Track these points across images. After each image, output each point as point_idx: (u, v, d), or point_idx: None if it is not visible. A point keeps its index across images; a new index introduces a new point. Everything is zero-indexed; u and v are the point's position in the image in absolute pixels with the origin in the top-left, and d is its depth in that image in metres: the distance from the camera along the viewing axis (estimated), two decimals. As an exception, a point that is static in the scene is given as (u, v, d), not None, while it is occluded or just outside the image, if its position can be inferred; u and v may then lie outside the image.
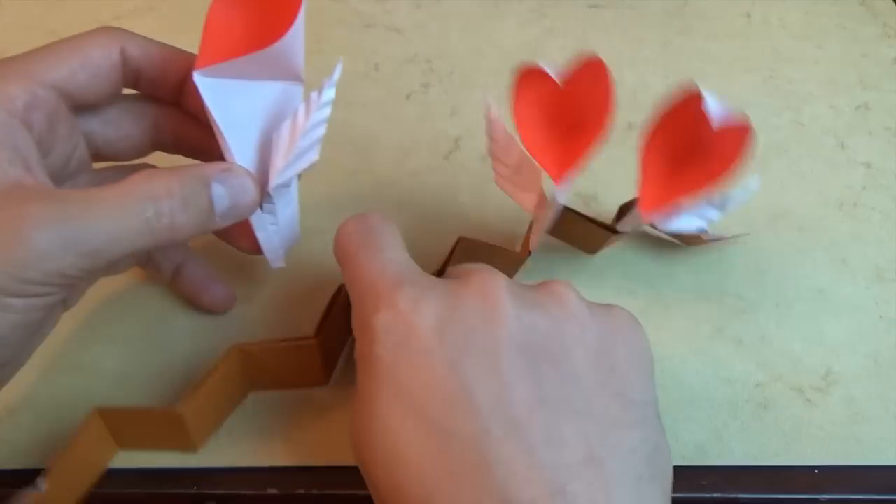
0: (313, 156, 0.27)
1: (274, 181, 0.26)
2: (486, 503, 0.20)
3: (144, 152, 0.30)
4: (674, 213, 0.29)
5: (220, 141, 0.25)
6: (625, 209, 0.33)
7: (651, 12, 0.48)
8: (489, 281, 0.24)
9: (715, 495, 0.29)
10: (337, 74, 0.25)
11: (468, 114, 0.33)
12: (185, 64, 0.27)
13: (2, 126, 0.23)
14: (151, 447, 0.29)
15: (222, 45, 0.24)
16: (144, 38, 0.27)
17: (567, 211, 0.33)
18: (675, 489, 0.29)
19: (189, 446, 0.29)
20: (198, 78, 0.24)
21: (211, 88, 0.24)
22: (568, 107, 0.29)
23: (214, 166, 0.25)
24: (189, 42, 0.46)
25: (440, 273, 0.29)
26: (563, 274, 0.35)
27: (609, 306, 0.26)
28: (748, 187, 0.31)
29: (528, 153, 0.30)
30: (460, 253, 0.32)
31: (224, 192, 0.25)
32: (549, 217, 0.30)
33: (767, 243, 0.36)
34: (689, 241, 0.36)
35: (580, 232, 0.34)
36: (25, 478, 0.29)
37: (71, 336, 0.32)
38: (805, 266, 0.35)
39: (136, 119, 0.29)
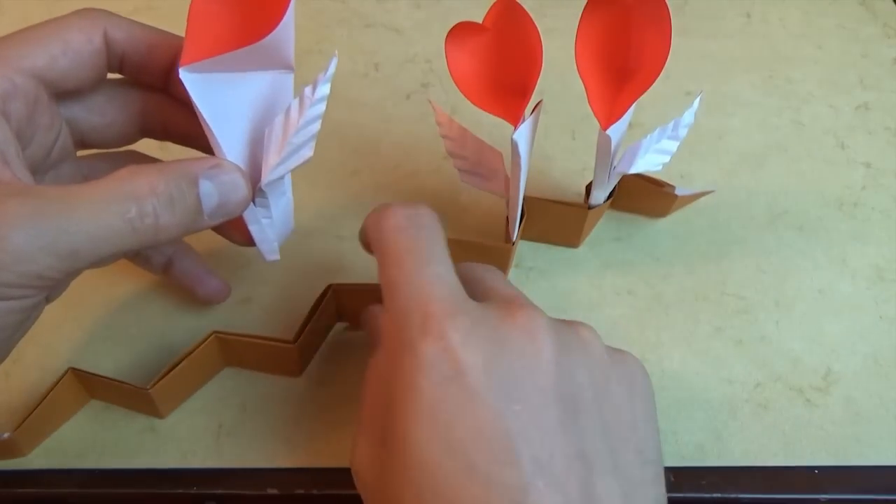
0: (307, 153, 0.26)
1: (267, 177, 0.25)
2: None
3: (132, 139, 0.29)
4: (626, 114, 0.29)
5: (209, 136, 0.24)
6: (590, 186, 0.33)
7: (651, 12, 0.48)
8: (535, 321, 0.23)
9: (715, 495, 0.29)
10: (331, 69, 0.24)
11: (467, 115, 0.33)
12: (172, 49, 0.26)
13: None
14: (121, 406, 0.30)
15: (207, 37, 0.23)
16: (129, 20, 0.26)
17: (536, 200, 0.33)
18: (675, 489, 0.29)
19: (156, 414, 0.30)
20: (184, 74, 0.23)
21: (198, 84, 0.23)
22: (499, 49, 0.28)
23: (203, 162, 0.24)
24: (189, 42, 0.46)
25: None
26: (564, 277, 0.35)
27: (622, 354, 0.25)
28: (692, 107, 0.31)
29: (484, 141, 0.31)
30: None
31: (213, 189, 0.24)
32: (519, 176, 0.30)
33: (767, 243, 0.36)
34: (662, 207, 0.36)
35: (553, 220, 0.34)
36: (24, 478, 0.29)
37: (71, 336, 0.32)
38: (805, 266, 0.35)
39: (123, 106, 0.28)
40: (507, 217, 0.32)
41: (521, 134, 0.28)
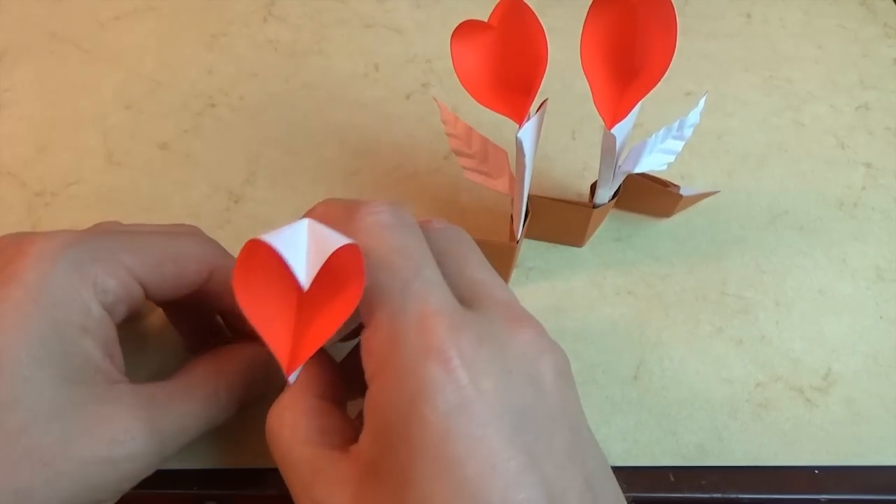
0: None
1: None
2: None
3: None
4: (631, 114, 0.29)
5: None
6: (595, 186, 0.33)
7: (651, 12, 0.48)
8: (539, 339, 0.22)
9: (715, 495, 0.29)
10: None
11: (468, 114, 0.33)
12: None
13: (99, 322, 0.24)
14: None
15: (283, 334, 0.23)
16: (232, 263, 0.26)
17: (540, 199, 0.33)
18: (675, 489, 0.29)
19: None
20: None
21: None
22: (503, 48, 0.28)
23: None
24: (190, 41, 0.46)
25: None
26: (564, 277, 0.35)
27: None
28: (697, 107, 0.31)
29: (489, 139, 0.31)
30: None
31: None
32: (523, 175, 0.29)
33: (767, 243, 0.36)
34: (666, 207, 0.36)
35: (558, 219, 0.34)
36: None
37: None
38: (805, 266, 0.35)
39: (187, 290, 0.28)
40: (512, 216, 0.32)
41: (527, 132, 0.28)
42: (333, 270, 0.21)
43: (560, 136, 0.41)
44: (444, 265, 0.23)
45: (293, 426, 0.22)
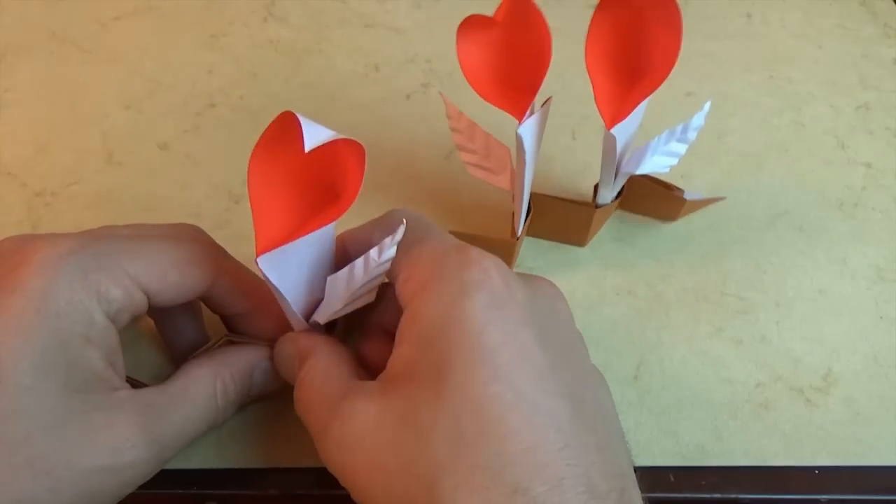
0: (370, 298, 0.26)
1: (327, 318, 0.26)
2: (568, 485, 0.20)
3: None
4: (633, 115, 0.29)
5: (278, 297, 0.25)
6: (598, 186, 0.33)
7: (651, 12, 0.48)
8: (555, 288, 0.26)
9: (715, 495, 0.29)
10: (399, 235, 0.24)
11: (468, 114, 0.33)
12: (259, 300, 0.28)
13: (102, 331, 0.24)
14: None
15: (274, 217, 0.23)
16: (238, 269, 0.27)
17: (543, 197, 0.33)
18: (675, 489, 0.29)
19: None
20: (262, 262, 0.22)
21: (270, 262, 0.23)
22: (508, 43, 0.28)
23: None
24: (188, 41, 0.46)
25: None
26: (564, 277, 0.35)
27: None
28: (702, 111, 0.31)
29: (492, 135, 0.31)
30: None
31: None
32: (524, 171, 0.29)
33: (767, 243, 0.36)
34: (671, 211, 0.36)
35: (560, 218, 0.34)
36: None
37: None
38: (805, 266, 0.35)
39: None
40: (514, 212, 0.32)
41: (527, 128, 0.28)
42: (335, 173, 0.23)
43: (560, 136, 0.41)
44: None
45: (327, 367, 0.25)
